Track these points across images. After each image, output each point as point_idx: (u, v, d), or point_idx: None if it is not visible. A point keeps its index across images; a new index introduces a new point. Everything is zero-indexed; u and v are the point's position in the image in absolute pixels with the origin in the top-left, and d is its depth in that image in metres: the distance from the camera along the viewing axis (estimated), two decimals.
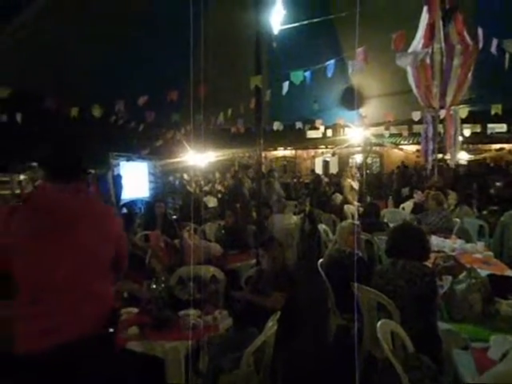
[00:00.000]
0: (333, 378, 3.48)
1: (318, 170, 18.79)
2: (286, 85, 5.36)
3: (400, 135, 16.77)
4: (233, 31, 6.40)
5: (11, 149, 11.78)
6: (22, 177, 12.07)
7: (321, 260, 4.18)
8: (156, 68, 6.76)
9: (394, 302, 2.84)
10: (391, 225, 5.55)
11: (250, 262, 4.93)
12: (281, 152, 21.36)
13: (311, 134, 18.97)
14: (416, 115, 6.55)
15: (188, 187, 11.62)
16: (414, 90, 4.15)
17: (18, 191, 11.59)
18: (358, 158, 18.11)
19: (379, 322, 2.44)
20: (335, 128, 17.06)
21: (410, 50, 3.99)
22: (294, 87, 5.31)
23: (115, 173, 10.82)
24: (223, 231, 5.76)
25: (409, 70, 4.01)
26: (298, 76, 4.96)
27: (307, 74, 5.00)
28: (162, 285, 3.20)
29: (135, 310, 3.24)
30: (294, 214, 8.00)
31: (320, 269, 4.00)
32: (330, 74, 4.67)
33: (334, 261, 3.95)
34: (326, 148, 19.67)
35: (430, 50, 3.77)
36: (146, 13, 6.56)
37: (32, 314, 1.78)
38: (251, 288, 3.63)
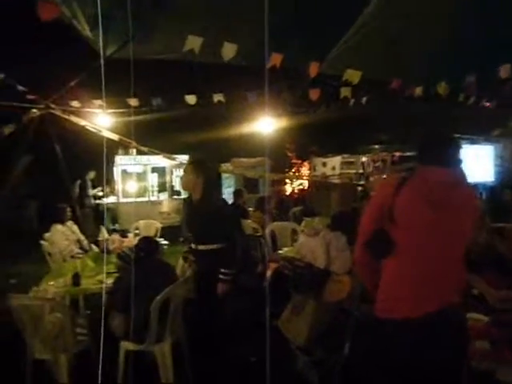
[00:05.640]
0: None
1: None
2: None
3: None
4: None
5: (357, 131, 12.78)
6: (364, 158, 12.96)
7: None
8: None
9: None
10: None
11: None
12: None
13: None
14: None
15: None
16: None
17: (360, 171, 12.53)
18: None
19: None
20: None
21: None
22: None
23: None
24: None
25: None
26: None
27: None
28: None
29: (485, 318, 2.77)
30: None
31: None
32: None
33: None
34: None
35: None
36: None
37: (406, 279, 1.98)
38: None
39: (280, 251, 5.32)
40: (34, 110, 6.09)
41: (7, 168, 7.47)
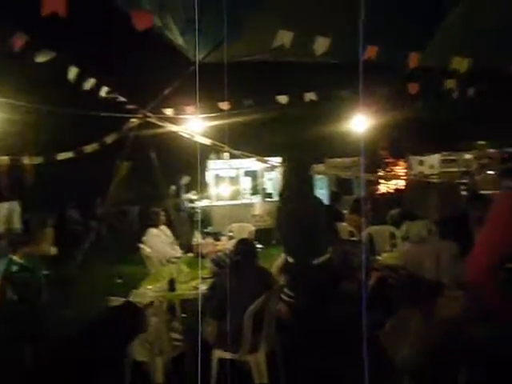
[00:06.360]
0: None
1: None
2: None
3: None
4: None
5: (457, 125, 11.78)
6: (467, 155, 11.94)
7: None
8: None
9: None
10: None
11: None
12: None
13: None
14: None
15: None
16: None
17: (463, 169, 11.59)
18: None
19: None
20: None
21: None
22: None
23: None
24: None
25: None
26: None
27: None
28: None
29: None
30: None
31: None
32: None
33: None
34: None
35: None
36: None
37: None
38: None
39: (378, 257, 4.97)
40: (133, 120, 6.38)
41: (110, 174, 7.93)
